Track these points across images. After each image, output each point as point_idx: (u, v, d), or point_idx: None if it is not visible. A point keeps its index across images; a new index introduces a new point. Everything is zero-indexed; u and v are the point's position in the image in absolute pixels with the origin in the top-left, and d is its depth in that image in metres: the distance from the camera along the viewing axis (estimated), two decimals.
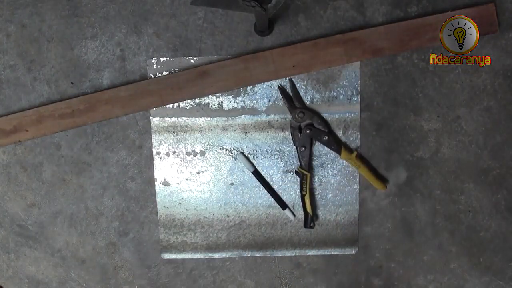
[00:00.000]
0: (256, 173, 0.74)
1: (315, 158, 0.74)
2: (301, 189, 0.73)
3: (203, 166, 0.74)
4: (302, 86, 0.73)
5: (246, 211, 0.75)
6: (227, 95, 0.73)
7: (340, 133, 0.74)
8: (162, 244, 0.76)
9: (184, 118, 0.73)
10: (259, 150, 0.74)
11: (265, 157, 0.74)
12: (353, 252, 0.76)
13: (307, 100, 0.73)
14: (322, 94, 0.73)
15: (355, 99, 0.73)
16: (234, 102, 0.73)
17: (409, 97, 0.73)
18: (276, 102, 0.73)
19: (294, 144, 0.73)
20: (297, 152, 0.73)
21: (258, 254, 0.76)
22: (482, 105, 0.73)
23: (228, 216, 0.75)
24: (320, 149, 0.74)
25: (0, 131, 0.72)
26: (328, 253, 0.76)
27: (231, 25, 0.72)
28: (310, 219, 0.73)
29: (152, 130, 0.73)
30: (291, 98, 0.72)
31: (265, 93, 0.73)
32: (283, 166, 0.74)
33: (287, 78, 0.72)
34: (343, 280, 0.77)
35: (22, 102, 0.73)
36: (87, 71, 0.73)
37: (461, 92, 0.73)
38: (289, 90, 0.73)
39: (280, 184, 0.75)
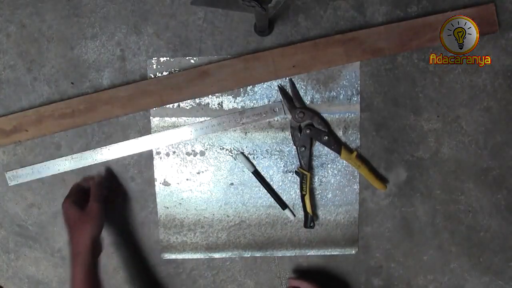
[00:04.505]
0: (256, 173, 0.74)
1: (315, 158, 0.74)
2: (301, 189, 0.73)
3: (203, 166, 0.74)
4: (302, 86, 0.73)
5: (246, 211, 0.75)
6: (227, 95, 0.73)
7: (340, 133, 0.74)
8: (162, 244, 0.76)
9: (184, 118, 0.73)
10: (259, 150, 0.74)
11: (265, 157, 0.74)
12: (353, 252, 0.76)
13: (307, 100, 0.73)
14: (322, 94, 0.73)
15: (355, 99, 0.73)
16: (234, 102, 0.73)
17: (409, 97, 0.73)
18: (276, 102, 0.73)
19: (294, 144, 0.73)
20: (297, 152, 0.73)
21: (258, 254, 0.76)
22: (482, 105, 0.73)
23: (228, 216, 0.75)
24: (320, 149, 0.74)
25: (0, 131, 0.72)
26: (328, 253, 0.76)
27: (231, 25, 0.72)
28: (310, 219, 0.73)
29: (152, 130, 0.73)
30: (291, 98, 0.72)
31: (265, 93, 0.73)
32: (283, 166, 0.74)
33: (287, 78, 0.72)
34: (343, 280, 0.77)
35: (22, 102, 0.73)
36: (87, 71, 0.73)
37: (461, 92, 0.73)
38: (289, 90, 0.73)
39: (280, 184, 0.75)
